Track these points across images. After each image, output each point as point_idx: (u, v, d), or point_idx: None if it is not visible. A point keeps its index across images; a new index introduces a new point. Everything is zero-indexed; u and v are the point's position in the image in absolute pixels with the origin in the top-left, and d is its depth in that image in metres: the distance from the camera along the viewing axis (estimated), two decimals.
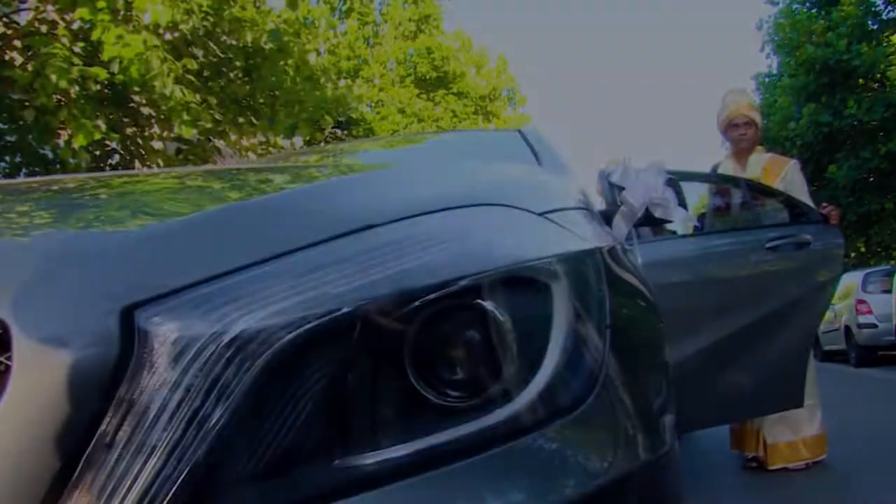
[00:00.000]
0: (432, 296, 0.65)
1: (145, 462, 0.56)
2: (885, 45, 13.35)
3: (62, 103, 6.20)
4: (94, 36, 5.72)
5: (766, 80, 16.51)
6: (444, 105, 18.75)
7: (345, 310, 0.62)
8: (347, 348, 0.62)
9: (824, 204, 3.57)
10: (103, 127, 7.40)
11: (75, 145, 6.15)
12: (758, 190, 3.64)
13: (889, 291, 11.01)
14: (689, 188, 4.24)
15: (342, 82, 16.89)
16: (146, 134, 8.39)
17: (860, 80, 13.96)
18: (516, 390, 0.68)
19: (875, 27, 14.13)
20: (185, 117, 6.44)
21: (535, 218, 0.88)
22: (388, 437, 0.64)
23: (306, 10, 18.30)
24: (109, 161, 8.39)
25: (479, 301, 0.68)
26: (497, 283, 0.69)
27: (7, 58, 6.64)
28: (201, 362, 0.58)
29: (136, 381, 0.58)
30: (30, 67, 5.95)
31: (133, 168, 8.53)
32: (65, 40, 5.97)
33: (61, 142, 6.83)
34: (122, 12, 5.73)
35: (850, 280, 12.60)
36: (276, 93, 8.10)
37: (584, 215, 1.19)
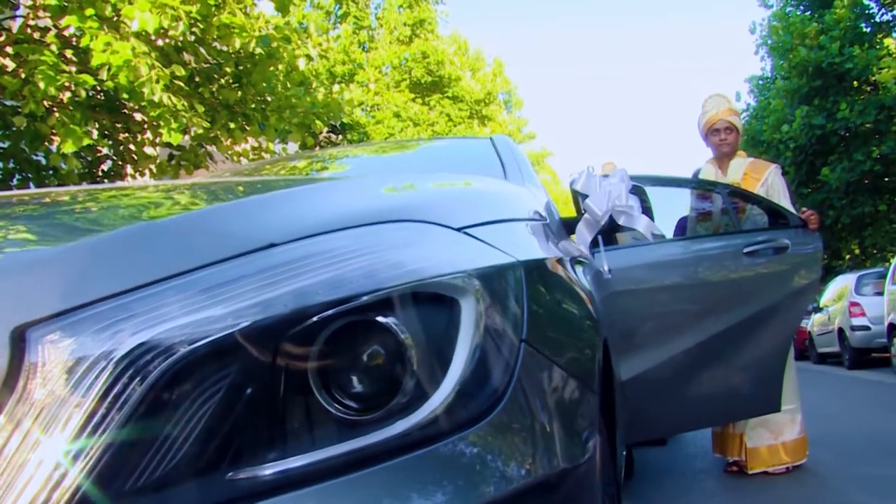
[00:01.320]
0: (330, 312, 0.67)
1: (32, 476, 0.57)
2: (877, 47, 13.38)
3: (52, 110, 6.22)
4: (83, 43, 5.74)
5: (760, 82, 16.55)
6: (440, 109, 18.79)
7: (239, 326, 0.64)
8: (243, 364, 0.64)
9: (804, 209, 3.58)
10: (94, 133, 7.43)
11: (64, 151, 6.16)
12: (737, 195, 3.65)
13: (882, 294, 11.04)
14: (672, 193, 4.30)
15: (336, 87, 16.95)
16: (138, 140, 8.39)
17: (853, 83, 13.99)
18: (417, 403, 0.69)
19: (868, 30, 14.17)
20: (174, 124, 6.46)
21: (451, 233, 0.89)
22: (287, 448, 0.65)
23: (301, 16, 18.32)
24: (102, 167, 8.41)
25: (380, 317, 0.69)
26: (399, 300, 0.71)
27: None
28: (92, 379, 0.60)
29: (26, 398, 0.59)
30: (23, 74, 5.97)
31: (125, 174, 8.54)
32: (54, 47, 5.97)
33: (54, 147, 6.83)
34: (111, 19, 5.73)
35: (844, 282, 12.63)
36: (269, 98, 8.13)
37: (527, 227, 1.20)
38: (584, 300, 1.19)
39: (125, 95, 6.32)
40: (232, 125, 8.15)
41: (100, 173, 8.49)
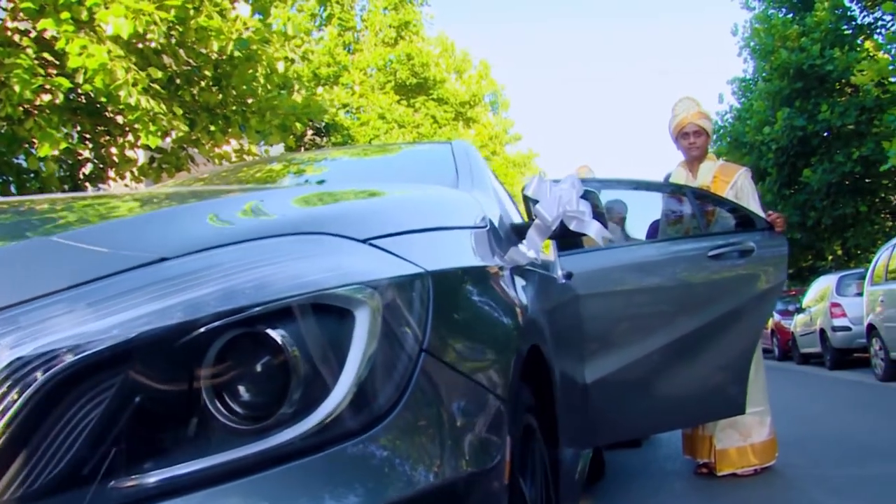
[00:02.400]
0: (219, 323, 0.68)
1: None
2: (857, 50, 13.50)
3: (31, 113, 6.19)
4: (59, 46, 5.72)
5: (743, 84, 16.67)
6: (425, 111, 18.81)
7: (125, 337, 0.65)
8: (129, 374, 0.65)
9: (770, 212, 3.61)
10: (75, 137, 7.38)
11: (40, 155, 6.13)
12: (703, 198, 3.68)
13: (863, 294, 11.12)
14: (647, 197, 4.33)
15: (320, 89, 16.95)
16: (120, 143, 8.35)
17: (834, 85, 14.12)
18: (306, 412, 0.71)
19: (849, 32, 14.29)
20: (152, 127, 6.44)
21: (354, 245, 0.90)
22: (174, 456, 0.67)
23: (286, 18, 18.27)
24: (83, 171, 8.37)
25: (270, 328, 0.71)
26: (289, 311, 0.72)
27: None
28: None
29: None
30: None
31: (106, 177, 8.48)
32: (31, 51, 5.95)
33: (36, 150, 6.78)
34: (87, 22, 5.71)
35: (825, 283, 12.72)
36: (249, 100, 8.12)
37: (459, 235, 1.21)
38: (509, 308, 1.20)
39: (103, 99, 6.29)
40: (212, 128, 8.14)
41: (81, 177, 8.45)
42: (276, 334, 0.71)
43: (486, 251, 1.34)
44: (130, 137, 8.10)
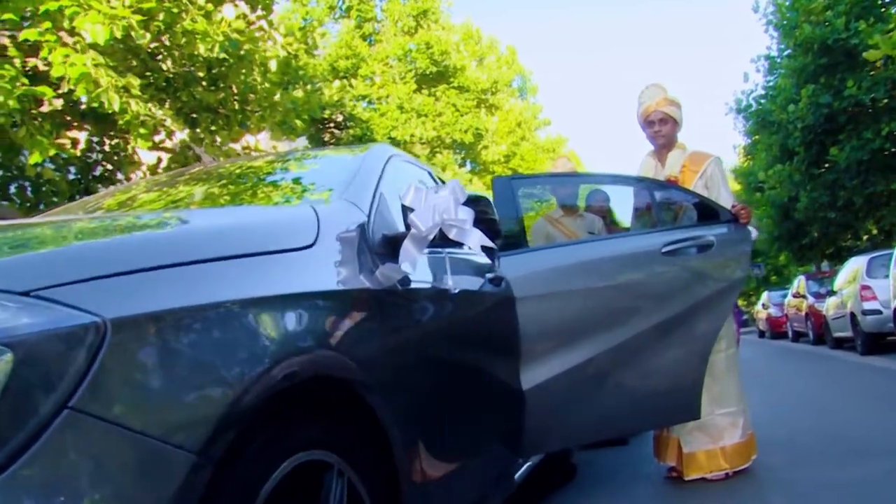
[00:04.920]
0: None
1: None
2: (886, 21, 12.89)
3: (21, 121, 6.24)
4: (42, 55, 5.76)
5: (766, 61, 16.14)
6: (446, 100, 18.65)
7: None
8: None
9: (734, 203, 3.44)
10: (82, 142, 7.43)
11: (31, 162, 6.20)
12: (663, 190, 3.52)
13: None
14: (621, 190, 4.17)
15: (336, 83, 16.92)
16: (126, 145, 8.44)
17: (861, 59, 13.54)
18: None
19: (878, 1, 13.67)
20: (142, 130, 6.46)
21: (7, 298, 0.86)
22: None
23: (304, 12, 18.32)
24: (93, 173, 8.48)
25: None
26: None
27: None
28: None
29: None
30: None
31: (116, 179, 8.56)
32: (17, 61, 5.99)
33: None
34: (69, 31, 5.72)
35: (856, 265, 12.28)
36: (251, 97, 8.12)
37: (224, 268, 1.14)
38: (249, 345, 1.12)
39: (95, 104, 6.31)
40: (213, 127, 8.17)
41: (91, 180, 8.60)
42: None
43: (274, 279, 1.26)
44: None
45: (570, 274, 2.99)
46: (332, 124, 17.31)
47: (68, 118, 7.47)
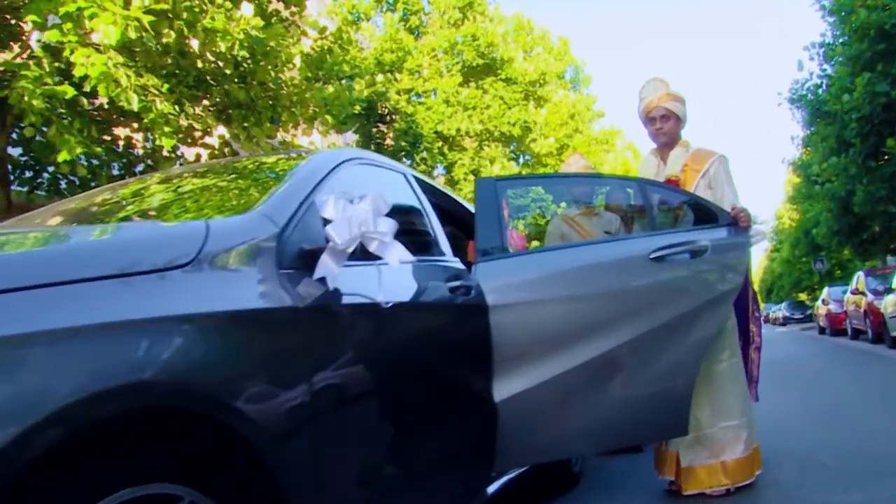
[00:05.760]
0: None
1: None
2: None
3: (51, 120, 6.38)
4: (64, 56, 5.86)
5: (821, 49, 15.42)
6: (493, 92, 18.48)
7: None
8: None
9: (734, 206, 3.24)
10: (91, 144, 7.59)
11: (59, 160, 6.33)
12: (658, 190, 3.35)
13: None
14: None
15: (380, 77, 16.92)
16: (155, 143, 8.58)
17: None
18: None
19: None
20: (166, 129, 6.53)
21: None
22: None
23: (351, 5, 18.33)
24: (134, 169, 8.68)
25: None
26: None
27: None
28: None
29: None
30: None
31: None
32: (45, 62, 6.11)
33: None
34: (89, 32, 5.81)
35: None
36: (282, 92, 8.15)
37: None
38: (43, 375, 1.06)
39: (121, 104, 6.40)
40: (245, 123, 8.25)
41: (134, 175, 8.81)
42: None
43: (124, 302, 1.21)
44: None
45: (548, 281, 2.86)
46: (376, 118, 17.33)
47: (115, 116, 7.65)
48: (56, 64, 6.07)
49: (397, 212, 2.13)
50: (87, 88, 5.93)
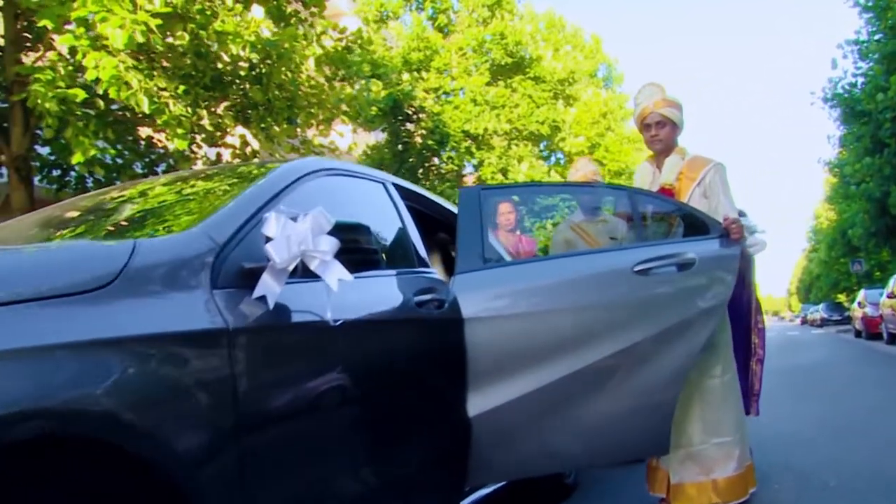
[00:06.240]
0: None
1: None
2: None
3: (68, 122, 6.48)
4: (76, 59, 5.95)
5: (856, 47, 14.98)
6: (521, 91, 18.35)
7: None
8: None
9: (726, 216, 3.13)
10: (105, 146, 7.72)
11: (73, 162, 6.43)
12: (648, 200, 3.25)
13: None
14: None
15: (406, 76, 16.90)
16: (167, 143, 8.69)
17: None
18: None
19: None
20: (179, 130, 6.59)
21: None
22: None
23: (379, 4, 18.29)
24: (156, 168, 8.81)
25: None
26: None
27: None
28: None
29: None
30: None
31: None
32: (61, 67, 6.20)
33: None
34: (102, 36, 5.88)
35: None
36: (300, 92, 8.18)
37: None
38: None
39: (132, 106, 6.46)
40: (262, 124, 8.31)
41: (156, 174, 8.96)
42: None
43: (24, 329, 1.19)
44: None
45: (526, 294, 2.79)
46: (403, 117, 17.32)
47: (138, 116, 7.76)
48: (70, 67, 6.15)
49: (368, 224, 2.09)
50: (100, 91, 6.00)
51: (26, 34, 7.12)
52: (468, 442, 2.61)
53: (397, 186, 2.99)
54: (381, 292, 2.33)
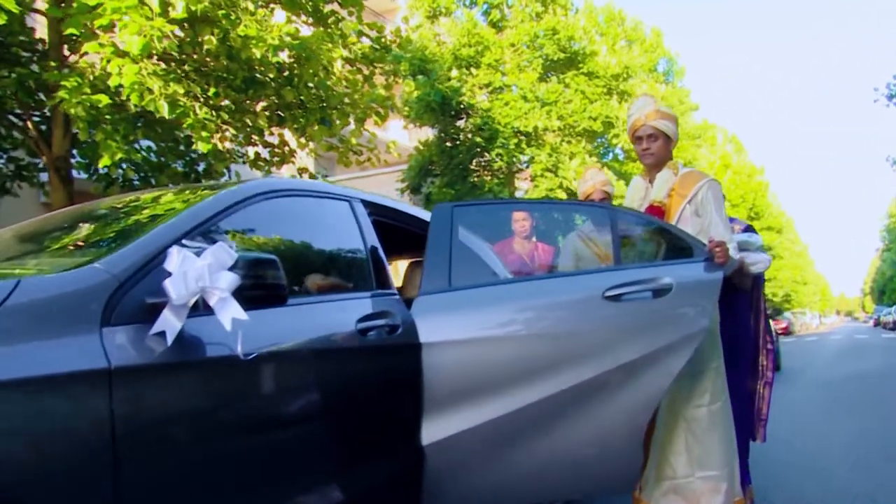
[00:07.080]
0: None
1: None
2: None
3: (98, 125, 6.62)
4: (101, 65, 6.06)
5: None
6: (574, 86, 18.00)
7: None
8: None
9: (711, 238, 2.95)
10: (132, 149, 7.86)
11: (100, 165, 6.57)
12: (628, 219, 3.10)
13: None
14: None
15: (454, 72, 16.79)
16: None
17: None
18: None
19: None
20: (203, 133, 6.66)
21: None
22: None
23: (431, 0, 18.19)
24: (196, 168, 8.98)
25: None
26: None
27: None
28: None
29: None
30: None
31: (219, 173, 8.93)
32: (89, 71, 6.34)
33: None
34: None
35: None
36: (332, 93, 8.19)
37: None
38: None
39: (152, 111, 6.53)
40: (296, 125, 8.36)
41: (195, 174, 9.15)
42: None
43: None
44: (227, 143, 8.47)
45: (490, 319, 2.69)
46: (452, 114, 17.21)
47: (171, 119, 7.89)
48: (98, 73, 6.27)
49: (320, 246, 2.01)
50: (124, 97, 6.10)
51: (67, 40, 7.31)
52: (420, 472, 2.53)
53: (367, 203, 2.90)
54: (318, 321, 2.26)
